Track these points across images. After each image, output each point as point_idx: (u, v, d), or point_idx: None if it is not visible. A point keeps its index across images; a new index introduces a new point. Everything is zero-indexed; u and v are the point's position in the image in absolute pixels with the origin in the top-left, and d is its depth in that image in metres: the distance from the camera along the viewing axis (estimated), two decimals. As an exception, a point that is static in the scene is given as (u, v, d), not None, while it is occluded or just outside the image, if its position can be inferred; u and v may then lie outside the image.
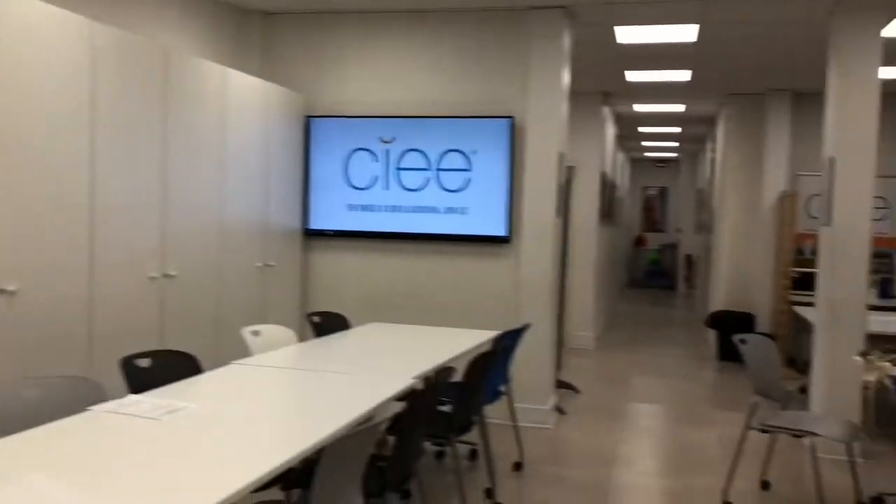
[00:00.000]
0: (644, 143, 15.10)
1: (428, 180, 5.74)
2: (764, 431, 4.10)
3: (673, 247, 17.99)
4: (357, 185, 5.88)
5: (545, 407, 5.59)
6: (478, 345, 4.16)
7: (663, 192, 18.94)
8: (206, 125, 4.65)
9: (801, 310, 7.02)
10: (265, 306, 5.42)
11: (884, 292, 8.32)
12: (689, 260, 16.57)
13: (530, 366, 5.56)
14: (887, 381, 3.67)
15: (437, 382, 2.94)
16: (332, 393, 2.91)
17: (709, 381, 7.54)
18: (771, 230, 8.60)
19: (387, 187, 5.82)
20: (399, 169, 5.79)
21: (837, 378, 5.04)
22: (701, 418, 6.00)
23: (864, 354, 4.12)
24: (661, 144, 15.14)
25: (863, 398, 4.98)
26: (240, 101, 5.02)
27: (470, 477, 4.46)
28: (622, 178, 16.10)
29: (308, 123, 5.95)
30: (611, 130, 10.73)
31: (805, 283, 8.13)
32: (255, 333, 3.92)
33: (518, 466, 4.62)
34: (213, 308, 4.79)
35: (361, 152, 5.86)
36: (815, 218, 8.71)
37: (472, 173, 5.65)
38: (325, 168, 5.93)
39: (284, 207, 5.68)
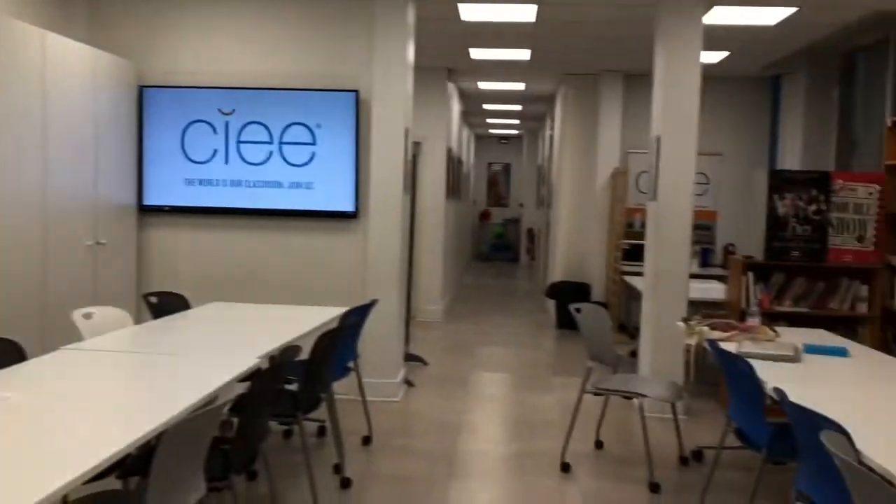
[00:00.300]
0: (489, 120, 15.45)
1: (271, 154, 5.60)
2: (597, 394, 4.36)
3: (516, 221, 18.61)
4: (195, 159, 5.64)
5: (394, 380, 5.65)
6: (325, 322, 4.14)
7: (507, 168, 19.50)
8: (22, 94, 4.30)
9: (630, 279, 7.48)
10: (98, 287, 5.11)
11: (704, 261, 9.01)
12: (531, 233, 17.21)
13: (379, 341, 5.59)
14: (706, 344, 3.99)
15: (281, 362, 2.90)
16: (171, 376, 2.81)
17: (548, 348, 7.90)
18: (604, 205, 9.08)
19: (227, 161, 5.62)
20: (240, 142, 5.61)
21: (663, 342, 5.42)
22: (541, 384, 6.28)
23: (685, 320, 4.46)
24: (504, 122, 15.55)
25: (685, 360, 5.39)
26: (63, 68, 4.67)
27: (319, 454, 4.45)
28: (468, 154, 16.41)
29: (141, 94, 5.63)
30: (456, 107, 10.89)
31: (635, 254, 8.66)
32: (87, 316, 3.70)
33: (367, 441, 4.66)
34: (37, 290, 4.46)
35: (200, 124, 5.63)
36: (643, 193, 9.27)
37: (317, 147, 5.57)
38: (161, 141, 5.65)
39: (117, 182, 5.36)
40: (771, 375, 3.24)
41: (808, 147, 8.23)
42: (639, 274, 8.12)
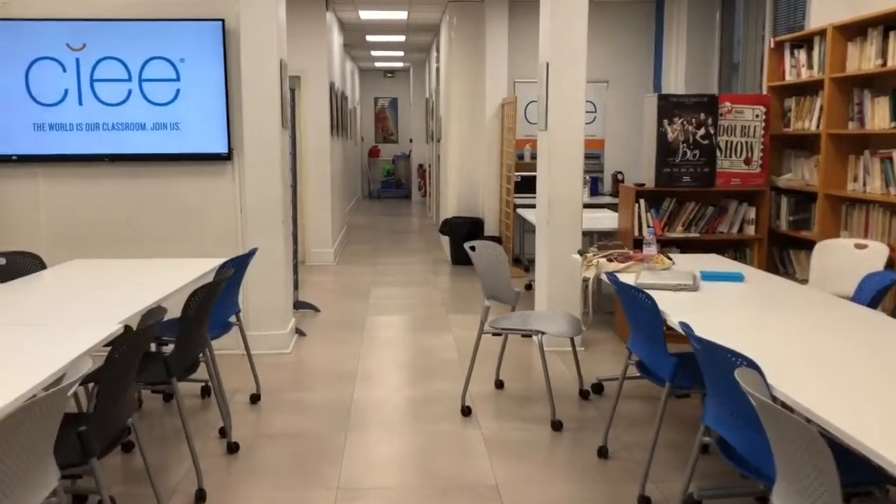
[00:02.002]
0: (373, 53, 14.91)
1: (130, 93, 5.06)
2: (496, 335, 4.20)
3: (406, 157, 18.27)
4: (43, 101, 5.03)
5: (283, 332, 5.34)
6: (199, 276, 3.77)
7: (394, 102, 19.03)
8: None
9: (523, 212, 7.36)
10: (-65, 250, 4.52)
11: (593, 190, 9.02)
12: (422, 169, 16.93)
13: (264, 291, 5.25)
14: (604, 277, 3.88)
15: (145, 328, 2.56)
16: (11, 353, 2.42)
17: (444, 286, 7.74)
18: (494, 137, 8.89)
19: (81, 102, 5.05)
20: (95, 81, 5.04)
21: (558, 275, 5.33)
22: (438, 324, 6.12)
23: (581, 253, 4.33)
24: (389, 54, 15.04)
25: (583, 294, 5.31)
26: None
27: (203, 417, 4.13)
28: (353, 90, 15.85)
29: (-28, 27, 4.94)
30: (337, 39, 10.36)
31: (526, 186, 8.56)
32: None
33: (255, 399, 4.36)
34: None
35: (46, 62, 5.01)
36: (533, 123, 9.13)
37: (181, 84, 5.07)
38: (1, 81, 5.00)
39: (-51, 130, 4.72)
40: (671, 307, 3.15)
41: (691, 71, 8.26)
42: (531, 206, 8.03)
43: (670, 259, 4.12)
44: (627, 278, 3.67)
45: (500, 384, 4.61)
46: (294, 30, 8.61)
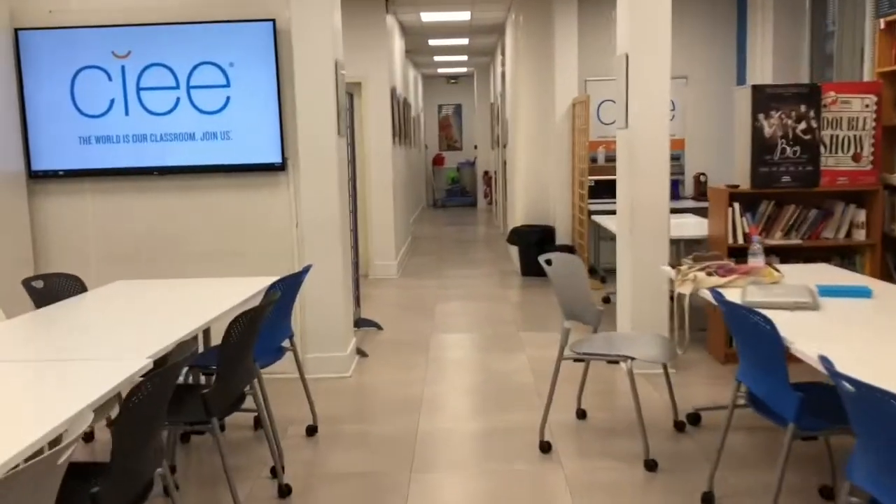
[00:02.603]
0: (436, 59, 14.57)
1: (178, 101, 4.76)
2: (578, 360, 3.72)
3: (471, 164, 17.86)
4: (89, 113, 4.78)
5: (343, 353, 4.95)
6: (248, 298, 3.41)
7: (458, 109, 18.67)
8: None
9: (599, 219, 6.84)
10: (-23, 272, 4.30)
11: (674, 194, 8.41)
12: (488, 176, 16.50)
13: (323, 310, 4.88)
14: (705, 294, 3.35)
15: (169, 367, 2.18)
16: (20, 396, 2.07)
17: (514, 300, 7.26)
18: (564, 140, 8.38)
19: (127, 113, 4.77)
20: (141, 89, 4.76)
21: (643, 289, 4.80)
22: (509, 344, 5.65)
23: (674, 265, 3.81)
24: (452, 59, 14.67)
25: (677, 313, 4.78)
26: None
27: (255, 453, 3.76)
28: (416, 97, 15.55)
29: (17, 38, 4.72)
30: (399, 44, 10.02)
31: (601, 191, 8.02)
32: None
33: (312, 431, 3.97)
34: None
35: (91, 71, 4.76)
36: (606, 124, 8.59)
37: (231, 90, 4.75)
38: (46, 93, 4.77)
39: (-8, 145, 4.50)
40: (791, 331, 2.62)
41: (778, 64, 7.59)
42: (608, 212, 7.50)
43: (778, 271, 3.57)
44: (732, 295, 3.15)
45: (582, 414, 4.11)
46: (353, 35, 8.29)
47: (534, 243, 8.35)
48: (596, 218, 6.98)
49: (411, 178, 13.81)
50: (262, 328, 3.42)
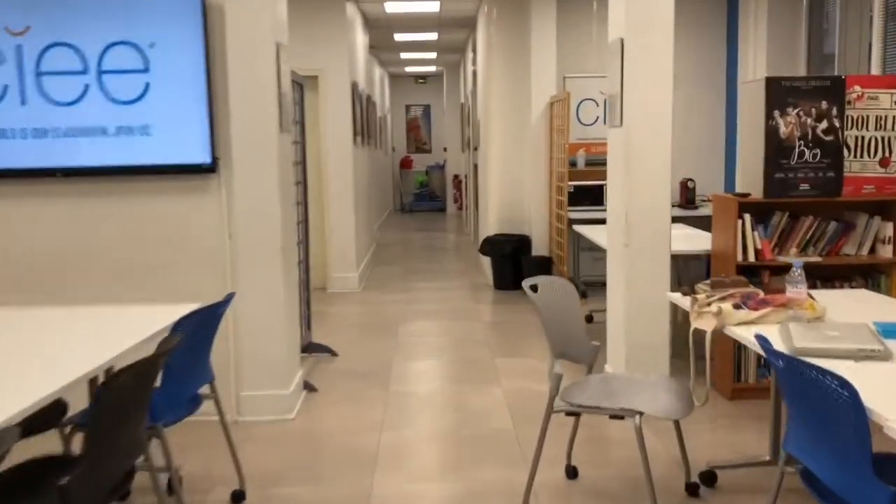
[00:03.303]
0: (403, 56, 13.81)
1: (87, 88, 3.95)
2: (571, 414, 2.98)
3: (440, 167, 17.13)
4: (-24, 101, 3.95)
5: (285, 392, 4.17)
6: (155, 333, 2.63)
7: (427, 110, 17.93)
8: None
9: (583, 230, 6.13)
10: None
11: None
12: (457, 180, 15.78)
13: (260, 339, 4.09)
14: (735, 333, 2.64)
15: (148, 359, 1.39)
16: None
17: (486, 317, 6.53)
18: (541, 142, 7.67)
19: (24, 102, 3.95)
20: (41, 74, 3.94)
21: (641, 314, 4.09)
22: (482, 373, 4.91)
23: (687, 290, 3.11)
24: (420, 56, 13.93)
25: (694, 350, 4.08)
26: None
27: (163, 527, 2.97)
28: (382, 96, 14.78)
29: None
30: (361, 37, 9.25)
31: (580, 197, 7.33)
32: None
33: (238, 497, 3.19)
34: None
35: (-20, 51, 3.92)
36: (587, 125, 7.91)
37: (151, 76, 3.95)
38: (-76, 77, 3.92)
39: None
40: (866, 394, 1.91)
41: (773, 60, 6.96)
42: (589, 221, 6.80)
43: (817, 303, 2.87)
44: (769, 335, 2.44)
45: (572, 472, 3.37)
46: (309, 24, 7.51)
47: (508, 254, 7.64)
48: (578, 229, 6.27)
49: (377, 181, 13.03)
50: (168, 377, 2.64)
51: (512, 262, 7.64)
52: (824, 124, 4.19)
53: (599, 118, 7.90)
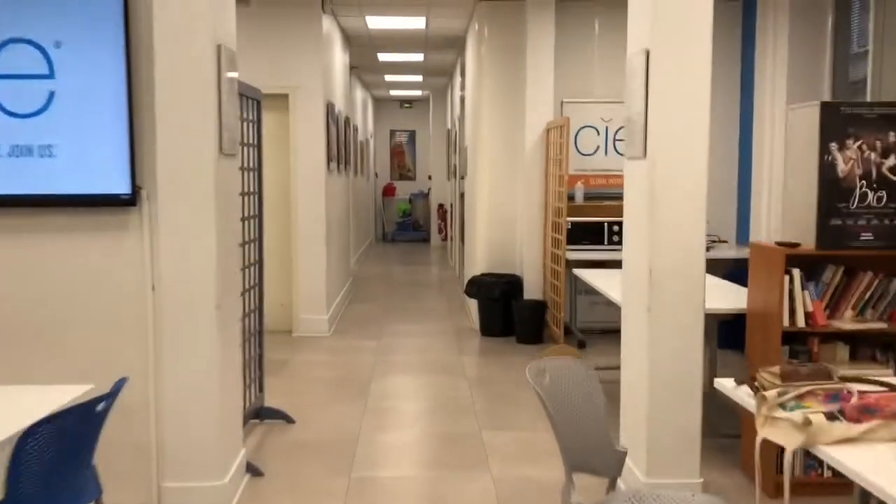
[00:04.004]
0: (387, 78, 13.08)
1: (-28, 97, 3.12)
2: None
3: (424, 195, 16.35)
4: None
5: (221, 481, 3.31)
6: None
7: (412, 135, 17.19)
8: None
9: (585, 275, 5.32)
10: None
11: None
12: (442, 210, 15.00)
13: (190, 416, 3.23)
14: (829, 455, 1.83)
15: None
16: None
17: (472, 371, 5.70)
18: (536, 172, 6.89)
19: None
20: (-84, 77, 3.11)
21: (667, 397, 3.27)
22: (468, 452, 4.07)
23: (748, 381, 2.30)
24: (405, 79, 13.20)
25: (759, 466, 3.27)
26: None
27: None
28: (365, 120, 14.04)
29: None
30: (341, 56, 8.49)
31: (578, 235, 6.55)
32: None
33: None
34: None
35: None
36: (586, 155, 7.15)
37: (56, 83, 3.13)
38: None
39: None
40: None
41: (794, 90, 6.23)
42: (589, 263, 6.01)
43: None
44: (878, 459, 1.64)
45: None
46: (281, 36, 6.74)
47: (497, 298, 6.82)
48: (580, 273, 5.47)
49: (357, 209, 12.22)
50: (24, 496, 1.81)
51: (501, 306, 6.83)
52: (891, 160, 3.42)
53: (600, 148, 7.15)
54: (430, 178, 15.76)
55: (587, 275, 5.31)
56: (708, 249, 6.71)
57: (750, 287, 3.77)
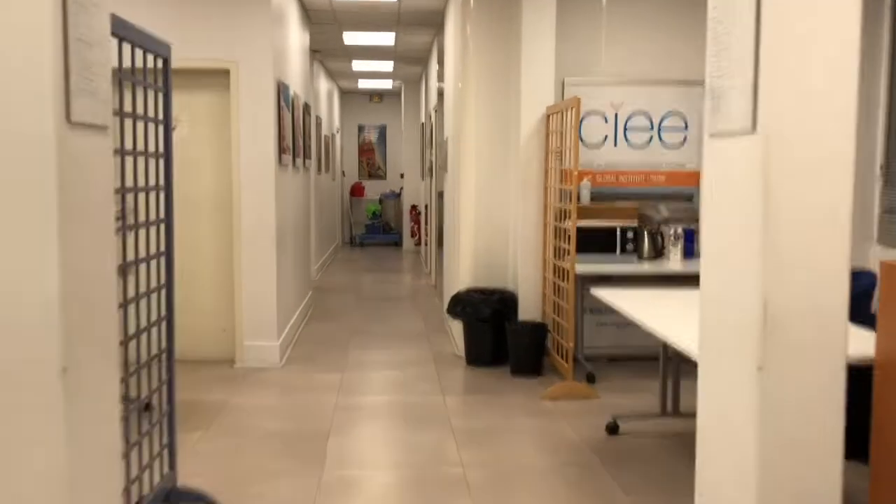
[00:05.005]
0: (355, 66, 11.82)
1: None
2: None
3: (396, 196, 15.10)
4: None
5: None
6: None
7: (383, 131, 15.93)
8: None
9: (610, 297, 4.11)
10: None
11: (687, 251, 5.84)
12: (415, 211, 13.76)
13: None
14: None
15: None
16: None
17: (460, 421, 4.47)
18: (534, 167, 5.68)
19: None
20: None
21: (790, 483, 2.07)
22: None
23: None
24: (375, 67, 11.94)
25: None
26: None
27: None
28: (331, 114, 12.78)
29: None
30: (299, 32, 7.22)
31: (582, 243, 5.35)
32: None
33: None
34: None
35: None
36: (592, 147, 5.96)
37: None
38: None
39: None
40: None
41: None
42: (600, 280, 4.83)
43: None
44: None
45: None
46: (222, 3, 5.47)
47: (487, 319, 5.59)
48: (599, 294, 4.26)
49: (322, 210, 10.94)
50: None
51: (492, 329, 5.61)
52: None
53: (608, 138, 5.97)
54: (402, 176, 14.52)
55: (610, 296, 4.10)
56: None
57: (882, 325, 2.58)
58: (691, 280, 5.31)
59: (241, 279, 5.58)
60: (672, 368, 4.27)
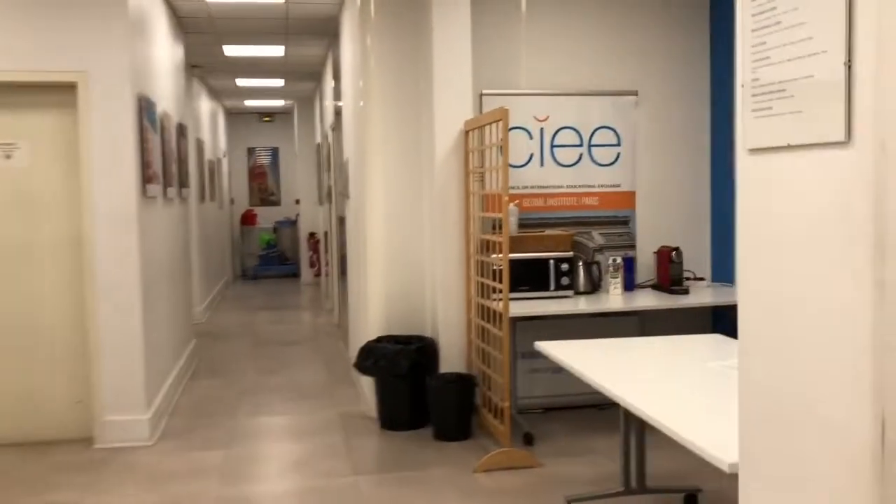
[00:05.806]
0: (240, 83, 10.77)
1: None
2: None
3: (292, 223, 14.02)
4: None
5: None
6: None
7: (275, 154, 14.85)
8: None
9: (555, 351, 3.32)
10: None
11: (627, 283, 5.18)
12: (314, 239, 12.74)
13: None
14: None
15: None
16: None
17: (380, 509, 3.56)
18: (453, 191, 4.87)
19: None
20: None
21: None
22: None
23: None
24: (264, 84, 10.91)
25: None
26: None
27: None
28: (215, 136, 11.66)
29: None
30: (169, 42, 6.19)
31: (523, 276, 4.60)
32: None
33: None
34: None
35: None
36: (517, 166, 5.20)
37: None
38: None
39: None
40: None
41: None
42: (532, 322, 4.05)
43: None
44: None
45: None
46: (68, 4, 4.43)
47: (404, 374, 4.70)
48: (544, 348, 3.46)
49: (208, 243, 9.81)
50: None
51: (409, 385, 4.73)
52: None
53: (534, 156, 5.23)
54: (297, 202, 13.46)
55: (556, 351, 3.31)
56: (687, 291, 4.92)
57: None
58: (633, 315, 4.62)
59: (99, 338, 4.50)
60: (634, 430, 3.53)
